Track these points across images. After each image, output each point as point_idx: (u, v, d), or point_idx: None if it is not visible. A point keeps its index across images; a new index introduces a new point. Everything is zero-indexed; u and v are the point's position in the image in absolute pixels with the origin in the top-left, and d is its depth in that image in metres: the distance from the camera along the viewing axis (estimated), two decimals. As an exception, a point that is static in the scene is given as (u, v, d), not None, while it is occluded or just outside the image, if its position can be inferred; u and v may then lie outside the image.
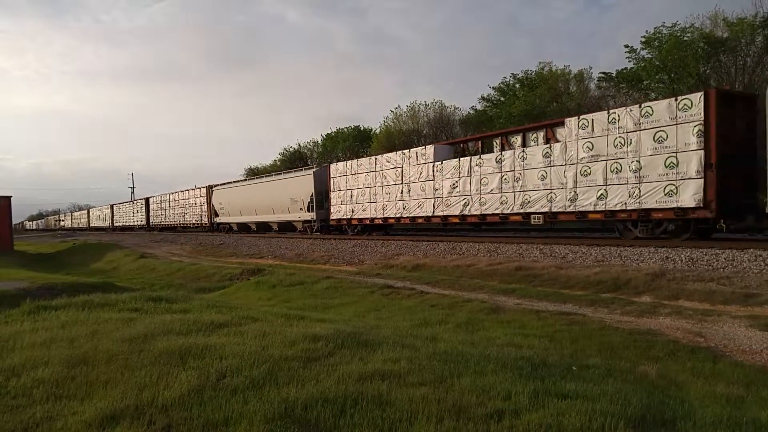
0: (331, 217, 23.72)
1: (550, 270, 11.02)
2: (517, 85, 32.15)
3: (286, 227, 27.65)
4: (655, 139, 12.00)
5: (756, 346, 5.92)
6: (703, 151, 11.13)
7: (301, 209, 25.23)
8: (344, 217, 22.92)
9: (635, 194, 12.39)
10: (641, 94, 25.72)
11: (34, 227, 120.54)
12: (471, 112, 35.76)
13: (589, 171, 13.44)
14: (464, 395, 3.29)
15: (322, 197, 24.20)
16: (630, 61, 26.16)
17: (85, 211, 75.07)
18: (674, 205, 11.68)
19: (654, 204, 12.08)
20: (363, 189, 21.69)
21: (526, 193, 15.00)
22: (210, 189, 35.37)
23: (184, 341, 4.38)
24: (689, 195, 11.40)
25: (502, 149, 16.46)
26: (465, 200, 17.04)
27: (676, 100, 11.80)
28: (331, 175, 23.72)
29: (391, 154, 20.91)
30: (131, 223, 52.03)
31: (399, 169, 19.89)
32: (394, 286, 11.23)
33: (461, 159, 17.44)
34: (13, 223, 36.64)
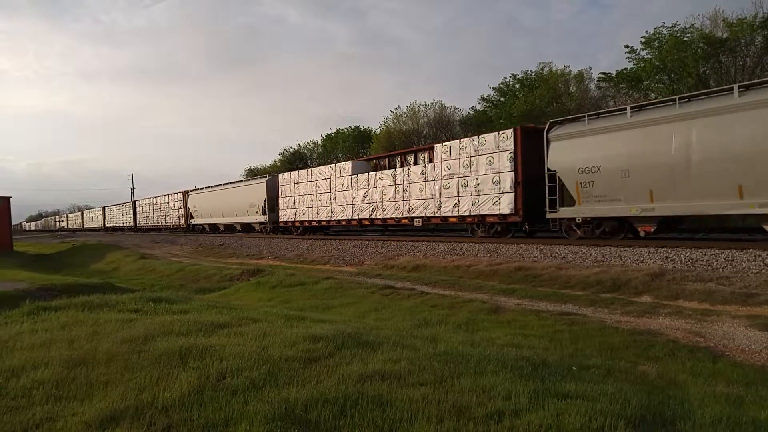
0: (280, 220, 27.30)
1: (550, 270, 11.02)
2: (517, 86, 32.17)
3: (247, 228, 31.41)
4: (487, 162, 15.82)
5: (755, 345, 5.92)
6: (513, 173, 14.97)
7: (257, 212, 29.15)
8: (290, 219, 26.48)
9: (476, 204, 16.23)
10: (641, 94, 25.74)
11: (33, 228, 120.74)
12: (471, 112, 35.80)
13: (448, 186, 17.31)
14: (464, 395, 3.30)
15: (273, 202, 27.91)
16: (630, 62, 26.22)
17: (80, 213, 78.28)
18: (498, 212, 15.54)
19: (487, 211, 15.90)
20: (303, 196, 25.35)
21: (411, 201, 18.96)
22: (186, 194, 39.14)
23: (185, 342, 4.38)
24: (506, 205, 15.20)
25: (402, 166, 20.06)
26: (373, 207, 20.81)
27: (498, 134, 15.64)
28: (279, 184, 27.32)
29: (323, 168, 24.68)
30: (121, 224, 55.20)
31: (328, 180, 23.49)
32: (395, 286, 11.24)
33: (369, 174, 21.20)
34: (12, 223, 36.60)
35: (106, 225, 60.19)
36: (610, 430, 2.85)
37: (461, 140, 17.22)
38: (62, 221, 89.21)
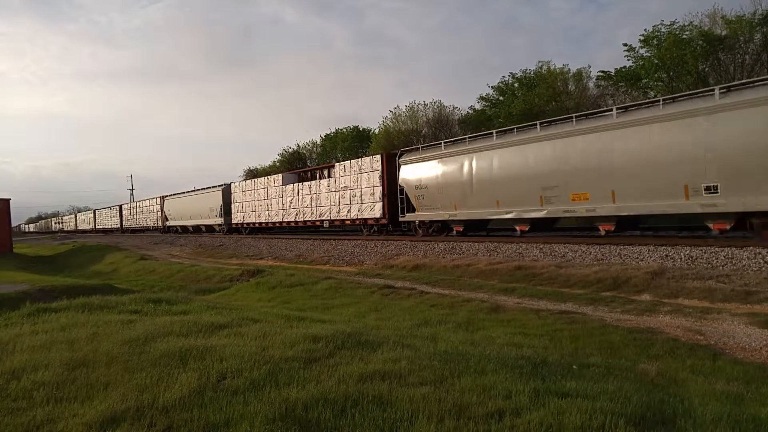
0: (232, 222, 32.59)
1: (550, 269, 11.02)
2: (516, 85, 32.14)
3: (210, 229, 36.71)
4: (366, 179, 21.04)
5: (755, 343, 5.93)
6: (381, 187, 20.21)
7: (216, 216, 34.42)
8: (239, 221, 31.78)
9: (361, 210, 21.41)
10: (640, 92, 25.72)
11: (30, 230, 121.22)
12: (470, 111, 35.76)
13: (344, 196, 22.37)
14: (465, 395, 3.30)
15: (228, 207, 33.11)
16: (629, 60, 26.18)
17: (73, 216, 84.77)
18: (374, 216, 20.75)
19: (368, 215, 21.05)
20: (248, 202, 30.43)
21: (321, 207, 24.01)
22: (162, 199, 44.19)
23: (185, 343, 4.39)
24: (378, 211, 20.52)
25: (319, 179, 24.93)
26: (296, 211, 25.97)
27: (372, 157, 21.20)
28: (232, 192, 32.72)
29: (262, 179, 29.86)
30: (109, 226, 59.77)
31: (266, 190, 28.56)
32: (394, 286, 11.24)
33: (294, 185, 26.35)
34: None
35: (97, 227, 64.87)
36: (611, 428, 2.85)
37: (350, 161, 22.40)
38: (61, 223, 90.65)
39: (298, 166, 43.58)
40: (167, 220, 42.67)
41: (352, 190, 21.87)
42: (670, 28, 23.92)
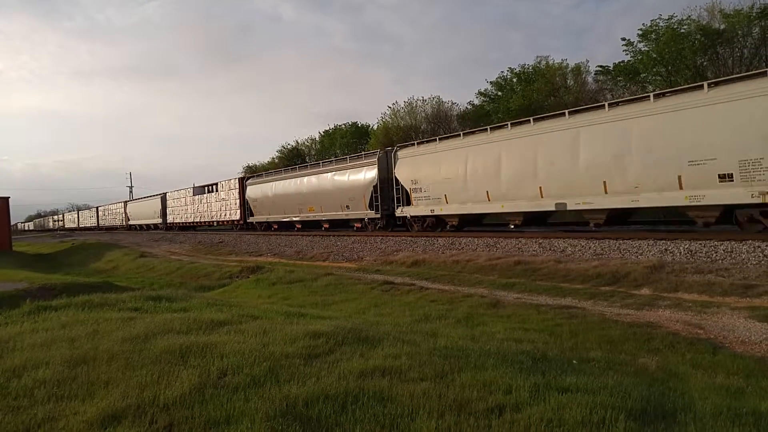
0: (168, 221, 42.82)
1: (549, 264, 11.03)
2: (515, 80, 32.08)
3: (155, 227, 46.11)
4: (227, 194, 32.03)
5: (755, 337, 5.94)
6: (239, 200, 30.43)
7: (158, 217, 44.68)
8: (172, 221, 41.84)
9: (230, 213, 31.85)
10: (639, 87, 25.68)
11: (27, 228, 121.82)
12: (469, 107, 35.71)
13: (223, 204, 33.01)
14: (465, 390, 3.30)
15: (165, 210, 43.21)
16: (627, 54, 26.12)
17: (62, 215, 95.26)
18: (235, 218, 31.19)
19: (233, 218, 31.12)
20: (176, 207, 41.00)
21: (212, 212, 34.50)
22: (125, 203, 55.55)
23: (185, 340, 4.39)
24: (237, 214, 31.01)
25: (208, 192, 35.53)
26: (202, 214, 36.09)
27: (229, 181, 32.16)
28: (167, 199, 42.97)
29: (183, 191, 39.87)
30: (90, 225, 69.18)
31: (184, 198, 39.24)
32: (394, 282, 11.25)
33: (198, 195, 36.73)
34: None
35: (80, 225, 75.01)
36: (611, 422, 2.85)
37: (224, 181, 33.19)
38: (61, 220, 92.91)
39: (297, 162, 43.47)
40: (129, 219, 53.09)
41: (225, 201, 32.79)
42: (669, 23, 23.87)
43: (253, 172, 46.52)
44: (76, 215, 78.57)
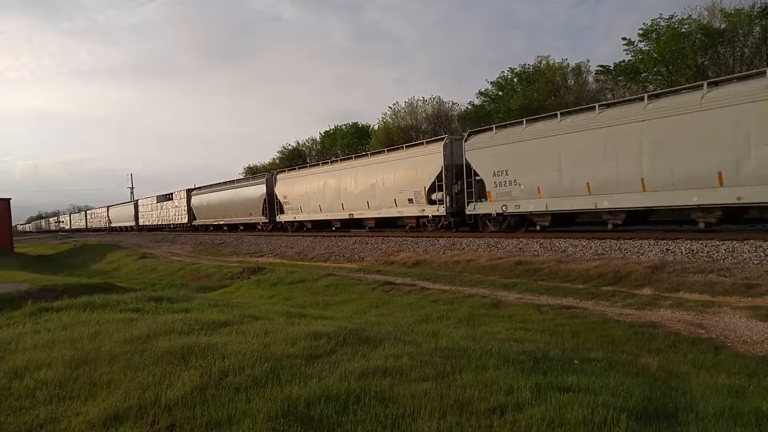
0: (140, 223, 50.08)
1: (551, 264, 11.02)
2: (515, 80, 32.07)
3: (129, 228, 53.49)
4: (177, 203, 40.93)
5: (757, 336, 5.93)
6: (187, 208, 39.05)
7: (132, 220, 52.41)
8: (142, 223, 49.52)
9: (180, 217, 40.48)
10: (639, 86, 25.67)
11: (25, 230, 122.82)
12: (469, 107, 35.70)
13: (175, 210, 41.25)
14: (466, 390, 3.30)
15: (138, 215, 51.06)
16: (628, 54, 26.11)
17: (56, 218, 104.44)
18: (182, 221, 39.92)
19: (180, 221, 40.70)
20: (145, 212, 49.20)
21: (170, 216, 42.02)
22: (108, 208, 63.16)
23: (186, 341, 4.39)
24: (182, 216, 40.35)
25: (168, 200, 42.71)
26: (163, 218, 43.60)
27: (177, 192, 40.83)
28: (138, 205, 51.12)
29: (149, 198, 47.89)
30: (80, 227, 76.46)
31: (152, 204, 46.57)
32: (395, 282, 11.25)
33: (160, 202, 43.81)
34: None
35: (72, 226, 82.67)
36: (613, 422, 2.85)
37: (179, 191, 40.18)
38: (59, 222, 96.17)
39: (298, 162, 43.50)
40: (110, 222, 60.80)
41: (176, 208, 40.78)
42: (669, 22, 23.87)
43: (254, 173, 46.67)
44: (69, 218, 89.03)
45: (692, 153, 11.06)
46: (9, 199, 32.32)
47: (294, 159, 48.36)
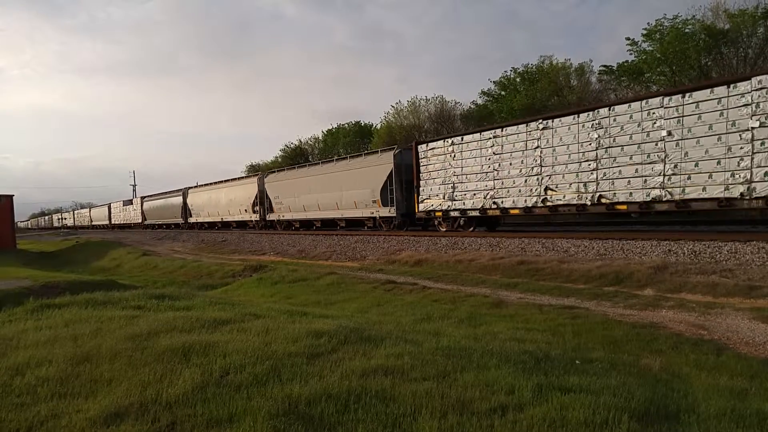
0: (113, 222, 58.80)
1: (553, 264, 11.01)
2: (518, 79, 32.00)
3: (105, 226, 62.64)
4: (134, 209, 53.88)
5: (759, 338, 5.92)
6: (141, 212, 49.89)
7: (107, 219, 61.52)
8: (115, 223, 58.19)
9: (135, 218, 53.77)
10: (643, 87, 25.60)
11: (25, 227, 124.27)
12: (472, 106, 35.64)
13: (136, 213, 51.45)
14: (468, 390, 3.29)
15: (110, 215, 60.21)
16: (631, 54, 26.04)
17: (50, 216, 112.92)
18: (138, 221, 52.51)
19: (137, 221, 51.99)
20: (116, 212, 58.60)
21: (130, 219, 53.38)
22: (90, 209, 75.28)
23: (188, 338, 4.39)
24: (140, 219, 52.31)
25: (125, 205, 56.25)
26: (129, 218, 53.63)
27: (138, 198, 53.51)
28: (111, 209, 59.98)
29: (118, 203, 57.14)
30: (70, 225, 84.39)
31: (119, 208, 57.08)
32: (397, 281, 11.24)
33: (127, 206, 54.75)
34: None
35: (63, 224, 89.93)
36: (614, 423, 2.84)
37: (137, 198, 51.54)
38: (63, 219, 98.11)
39: (300, 161, 43.54)
40: (92, 221, 70.04)
41: (136, 210, 50.13)
42: (673, 22, 23.79)
43: (256, 171, 46.84)
44: (60, 216, 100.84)
45: (329, 192, 22.60)
46: (12, 196, 32.37)
47: (296, 158, 48.37)
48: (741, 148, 9.84)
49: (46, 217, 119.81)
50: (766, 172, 9.51)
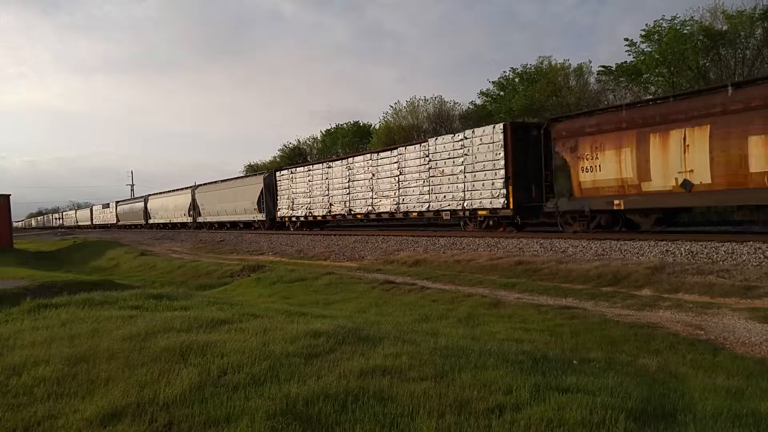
0: (94, 222, 67.97)
1: (551, 264, 11.03)
2: (517, 80, 32.03)
3: (99, 226, 67.22)
4: (111, 210, 62.25)
5: (755, 338, 5.93)
6: (115, 212, 59.72)
7: (88, 219, 71.52)
8: (98, 223, 66.22)
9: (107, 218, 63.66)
10: (641, 87, 25.65)
11: (22, 226, 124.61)
12: (471, 107, 35.66)
13: (113, 215, 59.90)
14: (465, 390, 3.30)
15: (91, 216, 69.19)
16: (630, 55, 26.08)
17: (43, 217, 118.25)
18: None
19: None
20: (104, 213, 65.06)
21: (107, 218, 62.37)
22: (76, 211, 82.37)
23: (185, 338, 4.38)
24: (112, 216, 61.29)
25: (104, 208, 64.87)
26: (105, 220, 64.06)
27: (114, 201, 60.92)
28: (93, 211, 70.81)
29: (111, 204, 61.07)
30: (57, 225, 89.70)
31: (110, 208, 61.32)
32: (395, 281, 11.24)
33: (105, 208, 64.04)
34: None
35: (54, 224, 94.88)
36: (611, 423, 2.85)
37: (113, 202, 59.59)
38: (60, 219, 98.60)
39: (299, 161, 43.52)
40: (78, 222, 77.04)
41: (112, 213, 56.36)
42: (671, 23, 23.84)
43: (255, 171, 46.88)
44: (52, 216, 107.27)
45: (231, 202, 31.41)
46: (9, 195, 32.28)
47: (295, 157, 48.36)
48: (394, 186, 19.89)
49: (42, 217, 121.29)
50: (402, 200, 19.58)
